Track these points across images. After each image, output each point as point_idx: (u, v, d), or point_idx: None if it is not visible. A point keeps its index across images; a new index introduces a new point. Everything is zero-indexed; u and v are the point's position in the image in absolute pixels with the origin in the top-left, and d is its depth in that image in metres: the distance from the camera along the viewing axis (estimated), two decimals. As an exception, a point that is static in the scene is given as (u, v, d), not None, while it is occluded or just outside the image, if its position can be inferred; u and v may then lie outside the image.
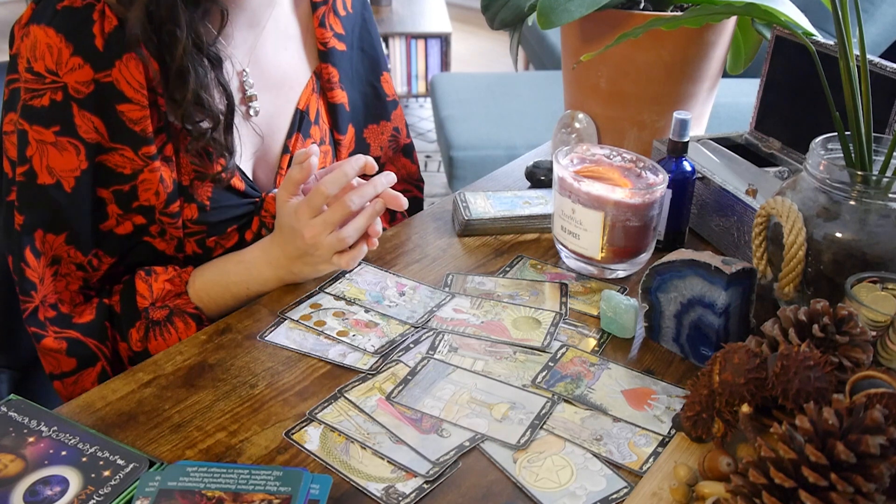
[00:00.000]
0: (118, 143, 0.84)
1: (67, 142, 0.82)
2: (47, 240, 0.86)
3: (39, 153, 0.82)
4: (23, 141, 0.83)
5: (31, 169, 0.83)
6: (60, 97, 0.81)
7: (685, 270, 0.79)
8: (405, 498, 0.65)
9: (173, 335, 0.91)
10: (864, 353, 0.63)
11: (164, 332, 0.91)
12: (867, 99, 0.76)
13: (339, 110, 1.05)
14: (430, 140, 3.82)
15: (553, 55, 3.43)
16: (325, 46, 1.03)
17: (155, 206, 0.89)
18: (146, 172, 0.86)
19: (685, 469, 0.65)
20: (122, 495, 0.63)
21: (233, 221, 0.96)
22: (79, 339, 0.89)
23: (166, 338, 0.91)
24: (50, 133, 0.82)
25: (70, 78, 0.80)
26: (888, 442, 0.51)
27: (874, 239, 0.73)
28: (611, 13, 1.10)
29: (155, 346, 0.90)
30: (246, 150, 0.97)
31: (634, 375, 0.80)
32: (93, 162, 0.84)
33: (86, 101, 0.81)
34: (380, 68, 1.10)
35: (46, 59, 0.80)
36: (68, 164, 0.83)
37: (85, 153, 0.83)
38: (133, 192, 0.87)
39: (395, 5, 4.27)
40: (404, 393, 0.76)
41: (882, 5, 2.43)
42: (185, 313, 0.92)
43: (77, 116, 0.82)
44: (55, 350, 0.88)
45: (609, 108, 1.19)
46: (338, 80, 1.04)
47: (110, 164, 0.85)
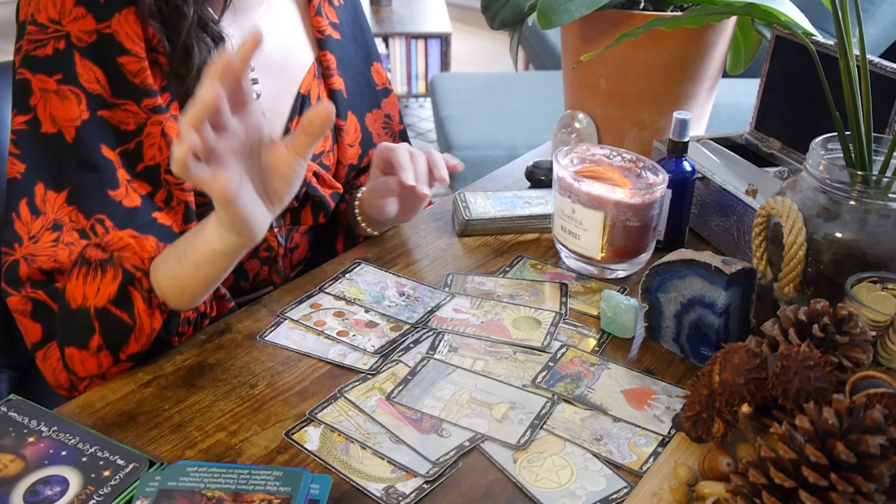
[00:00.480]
0: (121, 99, 0.84)
1: (69, 90, 0.82)
2: (48, 198, 0.83)
3: (43, 101, 0.82)
4: (26, 90, 0.82)
5: (35, 117, 0.82)
6: (63, 45, 0.81)
7: (685, 270, 0.79)
8: (405, 498, 0.65)
9: (94, 282, 0.78)
10: (864, 353, 0.63)
11: (88, 273, 0.78)
12: (867, 99, 0.76)
13: (338, 96, 1.06)
14: (430, 140, 3.82)
15: (553, 55, 3.43)
16: (322, 34, 1.04)
17: (160, 164, 0.86)
18: (150, 126, 0.85)
19: (685, 469, 0.65)
20: (122, 495, 0.63)
21: None
22: (44, 301, 0.82)
23: (86, 282, 0.78)
24: (52, 81, 0.82)
25: (73, 27, 0.81)
26: (888, 442, 0.51)
27: (874, 239, 0.73)
28: (611, 13, 1.10)
29: (71, 288, 0.78)
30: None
31: (634, 375, 0.80)
32: (94, 114, 0.83)
33: (87, 50, 0.82)
34: (371, 58, 1.12)
35: (49, 10, 0.81)
36: (69, 113, 0.82)
37: (86, 103, 0.83)
38: (138, 150, 0.86)
39: (395, 5, 4.28)
40: (404, 393, 0.76)
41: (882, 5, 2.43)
42: (121, 265, 0.78)
43: (79, 65, 0.82)
44: (20, 310, 0.83)
45: (609, 108, 1.19)
46: (335, 67, 1.05)
47: (114, 121, 0.84)
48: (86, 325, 0.78)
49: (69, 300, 0.79)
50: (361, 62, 1.10)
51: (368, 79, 1.11)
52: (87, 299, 0.78)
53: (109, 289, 0.78)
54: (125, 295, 0.78)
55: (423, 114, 4.20)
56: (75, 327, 0.79)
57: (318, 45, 1.04)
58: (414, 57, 4.02)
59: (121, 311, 0.78)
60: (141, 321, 0.78)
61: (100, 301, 0.78)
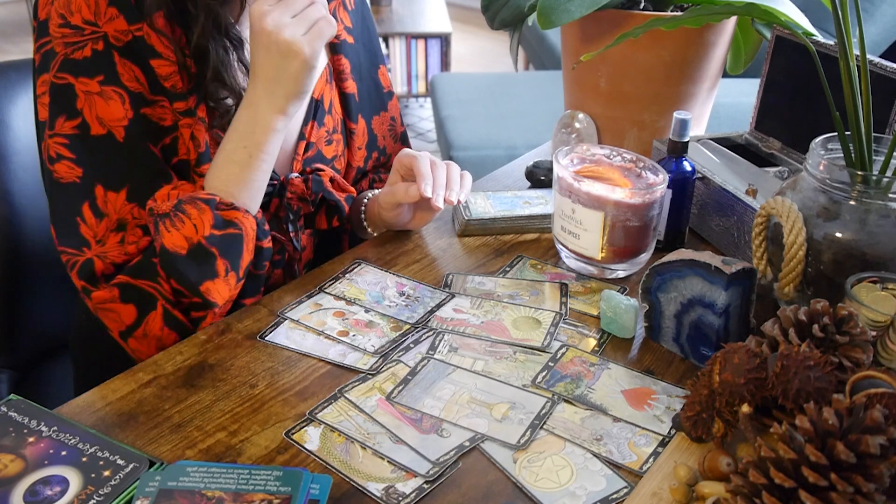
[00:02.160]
0: (157, 96, 0.86)
1: (112, 90, 0.84)
2: (109, 198, 0.85)
3: (88, 104, 0.83)
4: (70, 95, 0.83)
5: (84, 121, 0.84)
6: (102, 46, 0.83)
7: (685, 270, 0.79)
8: (405, 498, 0.65)
9: (187, 223, 0.84)
10: (864, 353, 0.63)
11: (174, 222, 0.84)
12: (867, 99, 0.76)
13: (350, 100, 1.08)
14: (430, 140, 3.82)
15: (553, 55, 3.43)
16: (338, 39, 1.06)
17: (189, 162, 0.89)
18: (181, 126, 0.88)
19: (685, 469, 0.65)
20: (122, 495, 0.63)
21: None
22: (128, 282, 0.85)
23: (179, 227, 0.84)
24: (95, 83, 0.83)
25: (109, 27, 0.83)
26: (888, 442, 0.51)
27: (874, 239, 0.73)
28: (611, 13, 1.10)
29: (170, 240, 0.83)
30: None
31: (634, 375, 0.80)
32: (138, 112, 0.85)
33: (125, 50, 0.84)
34: (378, 61, 1.13)
35: (84, 12, 0.82)
36: (115, 114, 0.84)
37: (129, 102, 0.85)
38: (173, 146, 0.89)
39: (395, 5, 4.27)
40: (404, 393, 0.76)
41: (882, 5, 2.43)
42: (195, 199, 0.85)
43: (119, 65, 0.84)
44: (108, 300, 0.85)
45: (609, 108, 1.19)
46: (349, 71, 1.07)
47: (154, 117, 0.87)
48: (206, 257, 0.84)
49: (177, 250, 0.84)
50: (370, 65, 1.12)
51: (376, 82, 1.13)
52: (192, 239, 0.84)
53: (205, 218, 0.84)
54: (219, 216, 0.85)
55: (423, 114, 4.20)
56: (198, 264, 0.84)
57: (333, 49, 1.06)
58: (414, 57, 4.01)
59: (224, 229, 0.85)
60: (243, 225, 0.86)
61: (204, 232, 0.84)
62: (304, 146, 1.02)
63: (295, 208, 0.99)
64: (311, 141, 1.02)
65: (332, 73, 1.06)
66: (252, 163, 0.87)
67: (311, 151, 1.02)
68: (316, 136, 1.02)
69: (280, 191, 0.98)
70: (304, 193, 0.99)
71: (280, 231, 1.00)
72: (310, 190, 0.99)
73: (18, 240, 1.10)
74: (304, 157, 1.02)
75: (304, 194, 0.99)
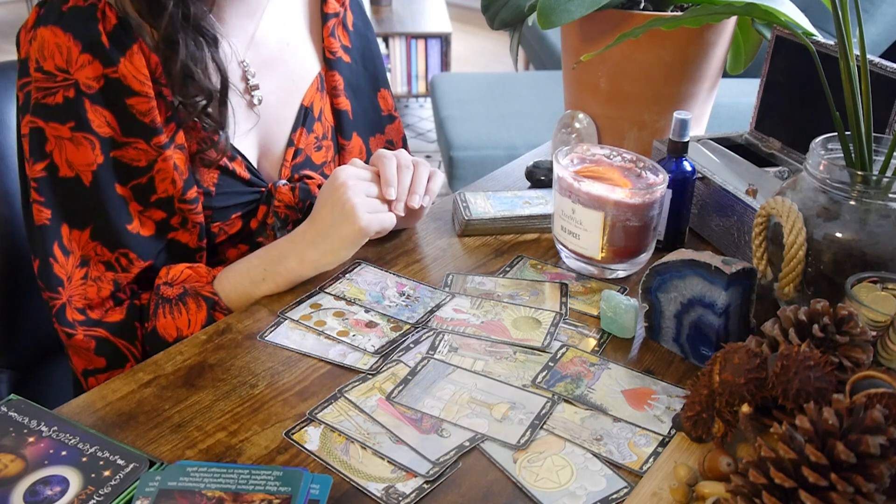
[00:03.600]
0: (131, 137, 0.86)
1: (83, 137, 0.84)
2: (73, 236, 0.87)
3: (58, 148, 0.84)
4: (41, 138, 0.84)
5: (53, 163, 0.85)
6: (73, 94, 0.83)
7: (685, 270, 0.79)
8: (405, 498, 0.65)
9: (183, 315, 0.89)
10: (864, 353, 0.63)
11: (173, 310, 0.89)
12: (867, 99, 0.76)
13: (344, 117, 1.09)
14: (430, 140, 3.82)
15: (553, 55, 3.43)
16: (334, 55, 1.07)
17: (173, 196, 0.90)
18: (160, 162, 0.88)
19: (685, 469, 0.65)
20: (122, 495, 0.63)
21: (237, 208, 0.98)
22: (108, 338, 0.89)
23: (175, 316, 0.89)
24: (66, 129, 0.84)
25: (80, 74, 0.83)
26: (888, 442, 0.51)
27: (874, 239, 0.73)
28: (611, 13, 1.10)
29: (163, 325, 0.89)
30: (250, 139, 0.99)
31: (634, 375, 0.80)
32: (108, 156, 0.86)
33: (97, 97, 0.84)
34: (378, 84, 1.14)
35: (56, 58, 0.82)
36: (85, 159, 0.85)
37: (100, 147, 0.85)
38: (151, 185, 0.89)
39: (395, 5, 4.28)
40: (404, 393, 0.76)
41: (882, 5, 2.43)
42: (199, 295, 0.90)
43: (90, 111, 0.84)
44: (84, 348, 0.88)
45: (609, 108, 1.19)
46: (342, 88, 1.08)
47: (125, 159, 0.87)
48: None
49: (164, 337, 0.88)
50: (369, 88, 1.13)
51: (375, 104, 1.14)
52: (182, 331, 0.88)
53: (199, 317, 0.89)
54: (212, 318, 0.89)
55: (423, 114, 4.20)
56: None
57: (328, 64, 1.07)
58: (414, 57, 4.01)
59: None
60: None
61: (195, 329, 0.88)
62: (292, 152, 1.02)
63: (283, 216, 1.00)
64: (299, 147, 1.03)
65: (323, 84, 1.06)
66: (262, 287, 0.91)
67: (299, 157, 1.03)
68: (305, 142, 1.03)
69: (268, 198, 0.99)
70: (291, 202, 0.99)
71: (267, 238, 1.00)
72: (297, 198, 0.99)
73: (18, 240, 1.10)
74: (293, 163, 1.02)
75: (292, 202, 0.99)
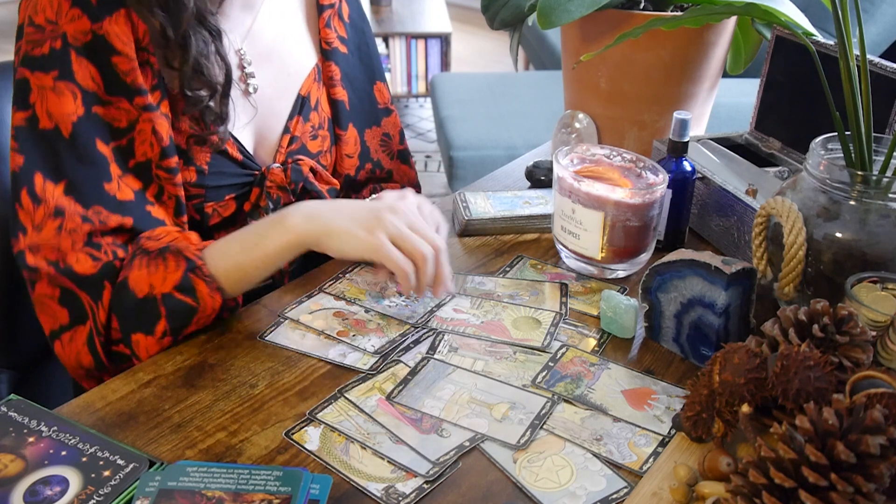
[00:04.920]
0: (113, 96, 0.86)
1: (65, 86, 0.84)
2: (47, 188, 0.85)
3: (40, 98, 0.84)
4: (25, 88, 0.84)
5: (34, 114, 0.84)
6: (59, 45, 0.83)
7: (685, 270, 0.79)
8: (405, 498, 0.65)
9: (159, 271, 0.83)
10: (864, 353, 0.63)
11: (150, 264, 0.84)
12: (867, 99, 0.76)
13: (340, 107, 1.09)
14: (430, 140, 3.82)
15: (553, 55, 3.42)
16: (329, 46, 1.07)
17: (151, 160, 0.89)
18: (141, 123, 0.87)
19: (685, 469, 0.65)
20: (122, 495, 0.63)
21: (231, 189, 0.98)
22: (72, 289, 0.85)
23: (150, 270, 0.83)
24: (49, 78, 0.84)
25: (70, 27, 0.83)
26: (888, 442, 0.51)
27: (874, 239, 0.73)
28: (611, 13, 1.10)
29: (135, 277, 0.83)
30: (244, 124, 0.99)
31: (634, 375, 0.80)
32: (89, 110, 0.85)
33: (83, 50, 0.84)
34: (374, 77, 1.14)
35: (47, 11, 0.83)
36: (66, 108, 0.84)
37: (81, 99, 0.85)
38: (130, 147, 0.88)
39: (395, 5, 4.27)
40: (404, 393, 0.76)
41: (882, 5, 2.43)
42: (181, 254, 0.84)
43: (75, 63, 0.84)
44: (48, 295, 0.85)
45: (609, 108, 1.19)
46: (339, 79, 1.08)
47: (108, 117, 0.87)
48: (153, 313, 0.83)
49: (134, 290, 0.83)
50: (365, 79, 1.13)
51: (370, 96, 1.14)
52: (154, 288, 0.83)
53: (174, 276, 0.83)
54: (189, 281, 0.83)
55: (423, 114, 4.20)
56: (143, 315, 0.83)
57: (325, 55, 1.07)
58: (414, 57, 4.01)
59: (185, 296, 0.83)
60: (204, 303, 0.84)
61: (166, 288, 0.83)
62: (288, 139, 1.03)
63: (275, 197, 1.00)
64: (295, 135, 1.03)
65: (320, 75, 1.07)
66: (252, 252, 0.86)
67: (295, 145, 1.03)
68: (301, 130, 1.04)
69: (261, 181, 1.00)
70: (283, 182, 1.00)
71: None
72: (289, 178, 1.00)
73: (18, 240, 1.10)
74: (288, 149, 1.03)
75: (283, 183, 1.00)
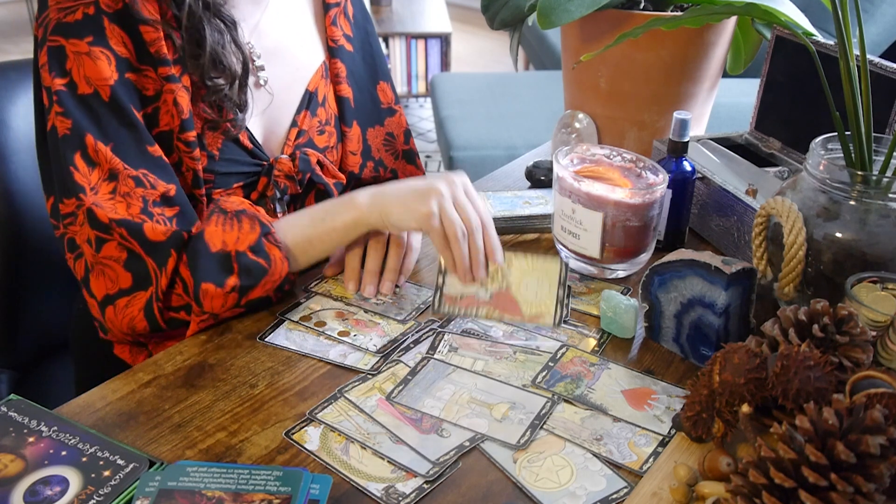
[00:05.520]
0: (143, 65, 0.88)
1: (100, 51, 0.85)
2: (99, 148, 0.85)
3: (77, 64, 0.85)
4: (61, 55, 0.85)
5: (72, 80, 0.85)
6: (93, 11, 0.84)
7: (685, 270, 0.79)
8: (405, 498, 0.65)
9: (234, 230, 0.87)
10: (864, 353, 0.63)
11: (227, 222, 0.87)
12: (867, 99, 0.76)
13: (345, 104, 1.09)
14: (430, 140, 3.82)
15: (553, 55, 3.43)
16: (336, 43, 1.08)
17: (173, 131, 0.90)
18: (165, 93, 0.89)
19: (685, 469, 0.65)
20: (122, 495, 0.63)
21: (239, 177, 0.99)
22: (139, 253, 0.85)
23: (226, 229, 0.86)
24: (84, 44, 0.84)
25: None
26: (888, 442, 0.51)
27: (874, 239, 0.73)
28: (611, 13, 1.10)
29: (211, 232, 0.86)
30: (258, 112, 1.00)
31: (634, 375, 0.80)
32: (122, 76, 0.86)
33: (114, 16, 0.85)
34: (377, 77, 1.15)
35: None
36: (102, 73, 0.85)
37: (116, 64, 0.86)
38: (155, 116, 0.89)
39: (395, 5, 4.28)
40: (404, 393, 0.76)
41: (882, 5, 2.43)
42: (257, 217, 0.88)
43: (108, 28, 0.85)
44: (114, 258, 0.85)
45: (609, 108, 1.19)
46: (345, 76, 1.09)
47: (139, 85, 0.88)
48: (226, 266, 0.85)
49: (209, 243, 0.86)
50: (368, 78, 1.13)
51: (373, 95, 1.14)
52: (227, 245, 0.86)
53: (250, 237, 0.87)
54: (262, 245, 0.87)
55: (423, 114, 4.20)
56: (217, 266, 0.85)
57: (331, 52, 1.08)
58: (414, 57, 4.01)
59: (259, 258, 0.86)
60: (275, 267, 0.87)
61: (241, 246, 0.86)
62: (295, 133, 1.04)
63: (282, 186, 1.01)
64: (302, 128, 1.04)
65: (327, 71, 1.08)
66: (320, 226, 0.90)
67: (302, 138, 1.04)
68: (308, 124, 1.05)
69: (268, 170, 1.00)
70: (291, 171, 1.01)
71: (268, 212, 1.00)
72: (297, 168, 1.01)
73: (19, 240, 1.10)
74: (296, 142, 1.04)
75: (291, 172, 1.01)
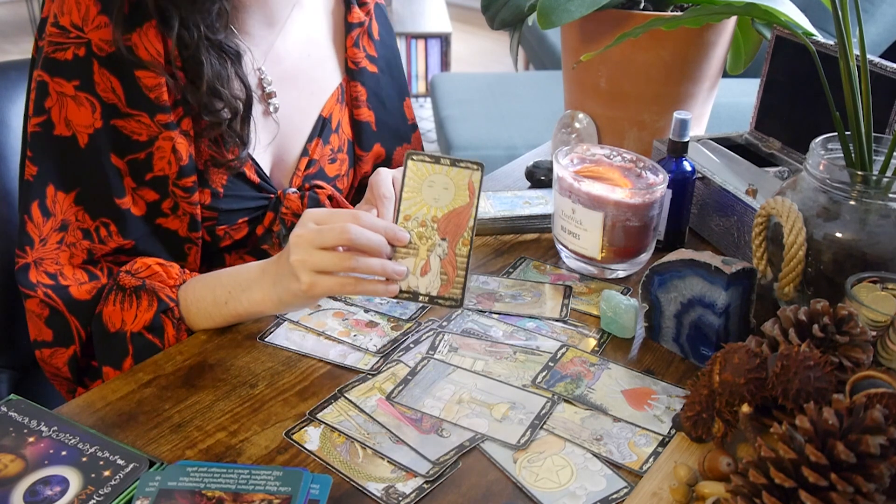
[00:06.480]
0: (135, 110, 0.85)
1: (85, 97, 0.83)
2: (58, 199, 0.85)
3: (59, 105, 0.83)
4: (42, 92, 0.83)
5: (49, 120, 0.84)
6: (83, 53, 0.82)
7: (685, 270, 0.79)
8: (405, 498, 0.65)
9: (132, 309, 0.84)
10: (864, 353, 0.63)
11: (124, 301, 0.84)
12: (867, 99, 0.76)
13: (365, 128, 1.07)
14: (430, 140, 3.82)
15: (553, 55, 3.43)
16: (357, 66, 1.05)
17: (168, 177, 0.88)
18: (161, 140, 0.87)
19: (685, 469, 0.65)
20: (122, 495, 0.63)
21: (244, 213, 0.97)
22: (62, 312, 0.86)
23: (124, 308, 0.84)
24: (70, 86, 0.83)
25: (95, 35, 0.82)
26: (888, 442, 0.52)
27: (874, 239, 0.73)
28: (611, 13, 1.10)
29: (108, 312, 0.85)
30: (263, 144, 0.98)
31: (634, 375, 0.80)
32: (107, 123, 0.85)
33: (106, 60, 0.83)
34: (403, 93, 1.13)
35: (73, 15, 0.82)
36: (84, 119, 0.84)
37: (100, 112, 0.84)
38: (148, 161, 0.87)
39: (395, 5, 4.28)
40: (404, 393, 0.76)
41: (882, 5, 2.43)
42: (155, 294, 0.85)
43: (97, 74, 0.83)
44: (37, 314, 0.86)
45: (609, 108, 1.19)
46: (365, 100, 1.06)
47: (126, 130, 0.86)
48: (122, 349, 0.84)
49: (107, 324, 0.85)
50: (396, 96, 1.11)
51: (402, 113, 1.13)
52: (125, 324, 0.84)
53: (145, 316, 0.84)
54: (159, 322, 0.85)
55: (423, 114, 4.20)
56: (112, 350, 0.85)
57: (350, 75, 1.05)
58: (414, 57, 4.02)
59: (154, 337, 0.85)
60: (168, 345, 0.85)
61: (136, 327, 0.84)
62: (306, 162, 1.01)
63: (289, 224, 0.98)
64: (313, 158, 1.01)
65: (344, 95, 1.05)
66: (224, 309, 0.85)
67: (312, 168, 1.02)
68: (320, 153, 1.02)
69: (276, 205, 0.98)
70: (299, 210, 0.97)
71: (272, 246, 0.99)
72: (305, 207, 0.97)
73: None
74: (306, 173, 1.01)
75: (299, 211, 0.97)
